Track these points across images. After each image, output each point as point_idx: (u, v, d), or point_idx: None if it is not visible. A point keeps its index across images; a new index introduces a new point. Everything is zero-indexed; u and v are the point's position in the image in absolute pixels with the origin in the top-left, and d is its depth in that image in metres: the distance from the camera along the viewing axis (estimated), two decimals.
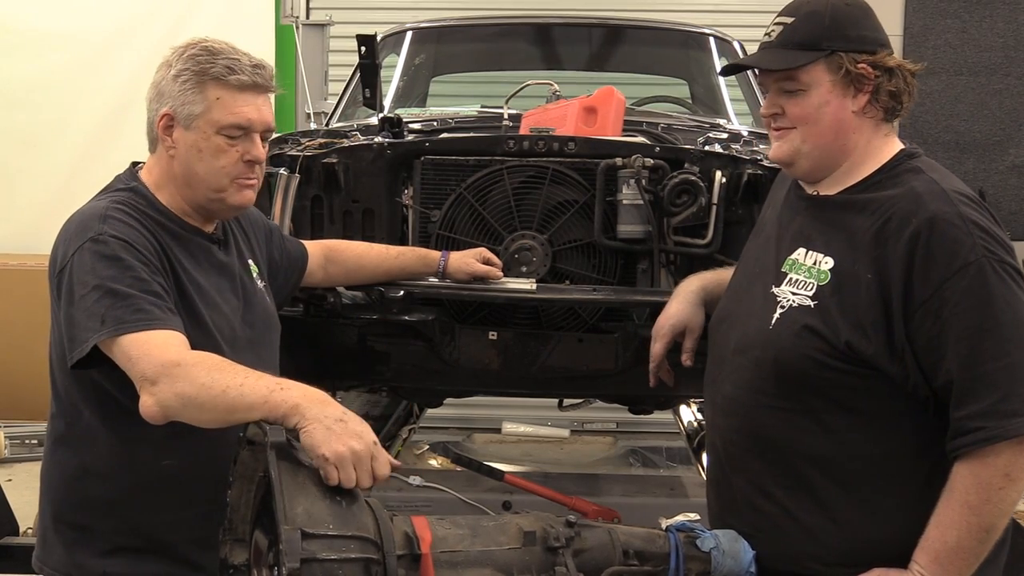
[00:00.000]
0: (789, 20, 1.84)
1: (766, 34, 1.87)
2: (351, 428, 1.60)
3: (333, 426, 1.59)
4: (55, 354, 1.93)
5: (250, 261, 2.13)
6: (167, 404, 1.68)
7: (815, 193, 1.90)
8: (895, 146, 1.86)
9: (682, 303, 2.23)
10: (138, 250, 1.82)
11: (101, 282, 1.77)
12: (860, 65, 1.78)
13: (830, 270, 1.78)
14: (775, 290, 1.86)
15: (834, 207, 1.85)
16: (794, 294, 1.82)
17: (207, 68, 1.89)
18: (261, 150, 1.95)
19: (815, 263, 1.81)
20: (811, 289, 1.80)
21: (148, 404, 1.69)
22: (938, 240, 1.68)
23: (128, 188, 1.95)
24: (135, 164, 2.04)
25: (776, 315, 1.83)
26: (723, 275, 2.23)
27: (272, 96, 1.99)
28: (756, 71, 1.92)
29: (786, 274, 1.86)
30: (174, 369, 1.68)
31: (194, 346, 1.77)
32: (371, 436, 1.59)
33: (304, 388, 1.66)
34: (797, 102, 1.83)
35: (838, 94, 1.80)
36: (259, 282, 2.13)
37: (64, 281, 1.82)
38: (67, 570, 1.94)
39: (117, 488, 1.90)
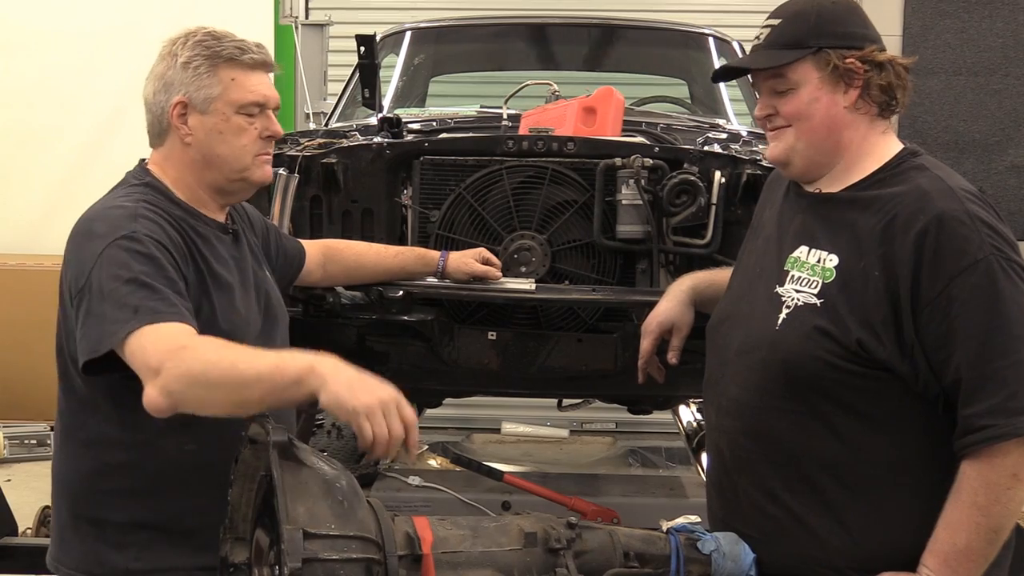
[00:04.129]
0: (776, 22, 1.86)
1: (755, 38, 1.89)
2: (371, 381, 1.59)
3: (353, 382, 1.58)
4: (70, 350, 1.88)
5: (259, 252, 2.13)
6: (171, 389, 1.63)
7: (817, 191, 1.89)
8: (896, 144, 1.86)
9: (671, 301, 2.24)
10: (170, 252, 1.82)
11: (135, 276, 1.74)
12: (848, 60, 1.79)
13: (835, 267, 1.78)
14: (779, 290, 1.85)
15: (838, 204, 1.84)
16: (798, 292, 1.81)
17: (218, 51, 1.92)
18: (278, 125, 1.99)
19: (819, 260, 1.81)
20: (815, 287, 1.79)
21: (151, 395, 1.65)
22: (947, 238, 1.67)
23: (143, 183, 1.94)
24: (143, 160, 2.02)
25: (782, 316, 1.82)
26: (715, 275, 2.24)
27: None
28: (751, 77, 1.93)
29: (788, 272, 1.85)
30: (180, 352, 1.65)
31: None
32: (392, 386, 1.58)
33: (313, 353, 1.63)
34: (788, 100, 1.84)
35: (828, 90, 1.81)
36: (267, 272, 2.12)
37: (92, 278, 1.76)
38: (87, 567, 1.90)
39: (140, 479, 1.88)
